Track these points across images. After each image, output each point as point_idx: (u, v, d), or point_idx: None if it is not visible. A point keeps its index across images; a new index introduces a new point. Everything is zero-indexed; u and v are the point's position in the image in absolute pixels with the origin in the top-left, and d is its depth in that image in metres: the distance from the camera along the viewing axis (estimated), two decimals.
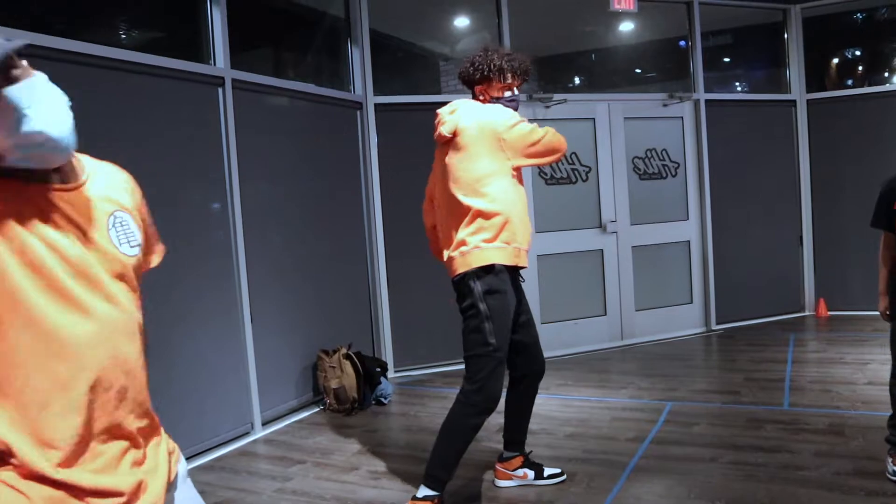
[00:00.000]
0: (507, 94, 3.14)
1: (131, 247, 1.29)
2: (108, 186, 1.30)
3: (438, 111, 3.17)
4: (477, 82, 3.15)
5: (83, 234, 1.19)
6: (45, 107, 1.09)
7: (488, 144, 2.97)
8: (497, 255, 2.96)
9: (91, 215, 1.22)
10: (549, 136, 3.08)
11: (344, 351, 4.74)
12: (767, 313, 6.81)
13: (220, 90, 4.22)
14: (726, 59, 7.32)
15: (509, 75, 3.12)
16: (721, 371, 5.33)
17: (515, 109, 3.14)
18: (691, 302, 6.59)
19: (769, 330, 6.43)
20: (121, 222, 1.28)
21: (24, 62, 1.09)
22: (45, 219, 1.14)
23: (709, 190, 6.53)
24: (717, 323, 6.61)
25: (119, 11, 4.21)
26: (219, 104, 4.22)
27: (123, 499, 1.19)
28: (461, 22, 6.38)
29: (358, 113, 5.41)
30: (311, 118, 5.00)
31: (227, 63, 4.27)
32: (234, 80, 4.29)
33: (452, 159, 3.03)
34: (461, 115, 3.04)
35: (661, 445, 3.73)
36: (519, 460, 3.36)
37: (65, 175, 1.20)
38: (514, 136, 2.99)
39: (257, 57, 5.17)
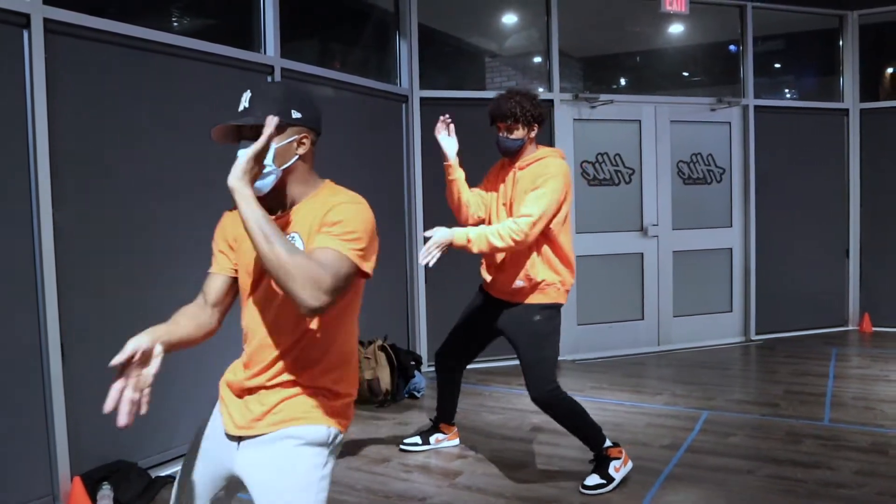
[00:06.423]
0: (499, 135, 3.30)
1: None
2: (302, 215, 1.71)
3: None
4: None
5: None
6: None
7: None
8: None
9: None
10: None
11: (379, 343, 4.76)
12: (809, 326, 6.67)
13: (269, 78, 4.25)
14: (777, 65, 7.17)
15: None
16: (760, 382, 5.23)
17: (502, 152, 3.32)
18: (731, 310, 6.48)
19: (810, 343, 6.29)
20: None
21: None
22: None
23: (754, 197, 6.41)
24: (757, 333, 6.49)
25: None
26: None
27: None
28: (509, 19, 6.35)
29: (403, 106, 5.42)
30: (356, 109, 5.01)
31: (277, 52, 4.30)
32: (283, 69, 4.32)
33: None
34: None
35: (697, 454, 3.68)
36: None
37: (281, 205, 1.76)
38: None
39: (306, 47, 5.20)
